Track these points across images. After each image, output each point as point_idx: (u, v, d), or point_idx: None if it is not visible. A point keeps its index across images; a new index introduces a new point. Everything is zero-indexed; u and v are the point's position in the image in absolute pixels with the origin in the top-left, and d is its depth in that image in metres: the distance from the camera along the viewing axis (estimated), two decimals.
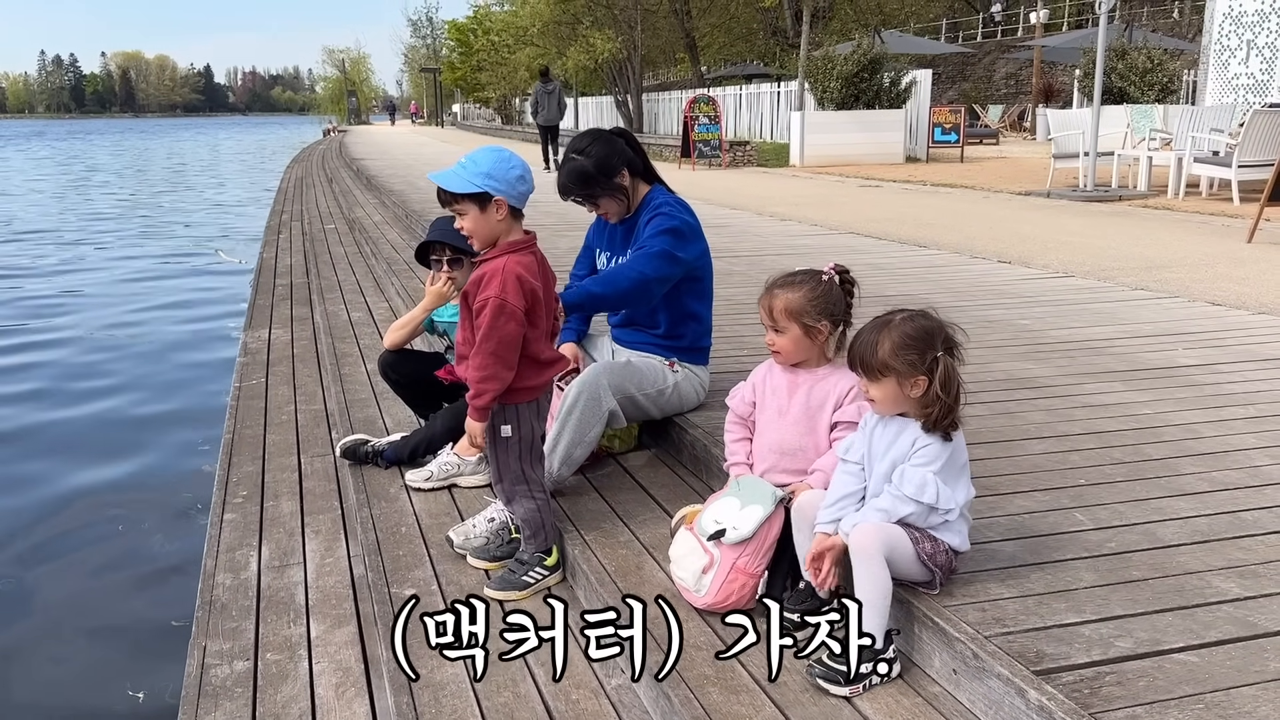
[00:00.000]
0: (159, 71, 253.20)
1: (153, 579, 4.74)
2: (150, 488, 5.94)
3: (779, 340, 2.72)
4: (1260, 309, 5.64)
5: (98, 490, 5.93)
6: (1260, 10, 15.61)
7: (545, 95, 19.55)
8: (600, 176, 3.57)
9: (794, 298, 2.68)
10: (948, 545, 2.33)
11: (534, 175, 2.96)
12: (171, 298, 12.01)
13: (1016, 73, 36.53)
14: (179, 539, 5.11)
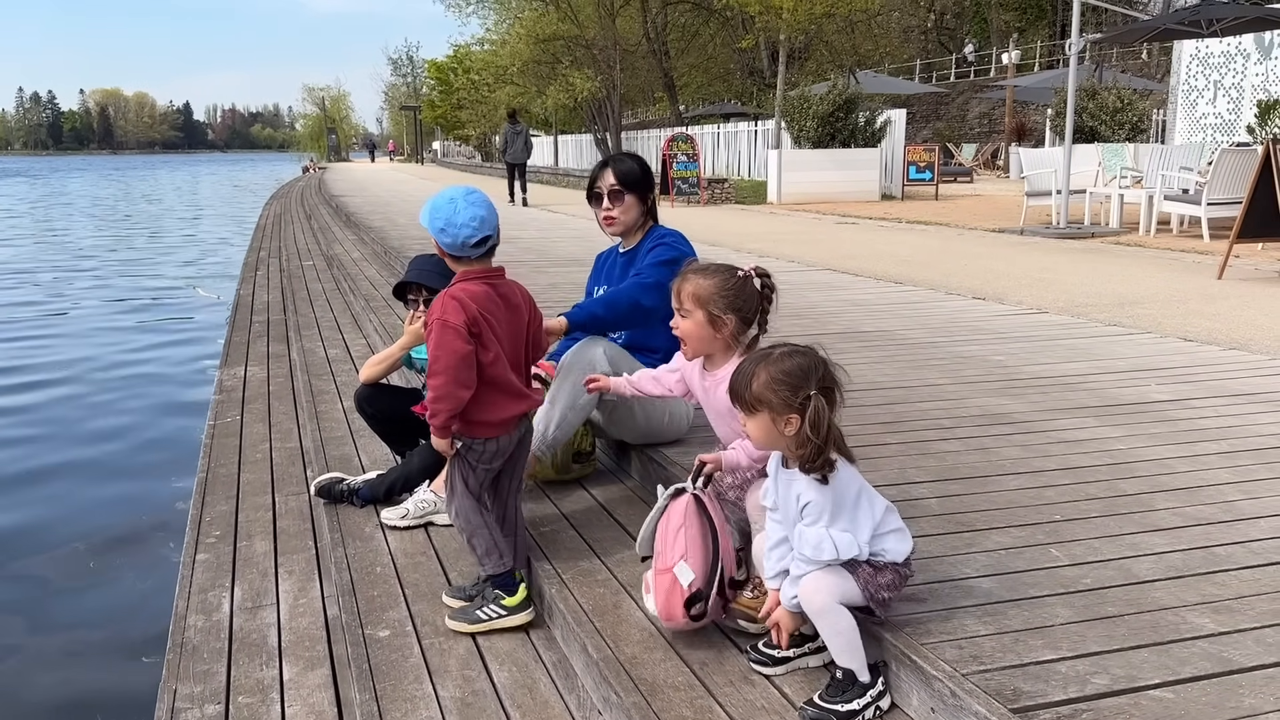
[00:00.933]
0: (138, 109, 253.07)
1: (124, 618, 4.66)
2: (123, 525, 5.85)
3: (682, 324, 2.76)
4: (1231, 345, 5.71)
5: (69, 527, 5.84)
6: (1226, 52, 15.95)
7: (514, 135, 21.18)
8: (648, 181, 3.85)
9: (704, 284, 2.72)
10: (889, 561, 2.28)
11: (502, 211, 2.98)
12: (148, 333, 11.92)
13: (989, 112, 37.07)
14: (151, 578, 5.03)
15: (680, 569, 2.51)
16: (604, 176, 3.81)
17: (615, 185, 3.78)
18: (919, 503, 3.18)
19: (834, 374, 2.28)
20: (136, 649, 4.23)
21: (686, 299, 2.74)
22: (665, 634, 2.62)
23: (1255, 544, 2.82)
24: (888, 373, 5.06)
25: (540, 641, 2.88)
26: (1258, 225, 8.43)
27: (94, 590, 5.03)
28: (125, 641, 4.41)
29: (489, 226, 2.89)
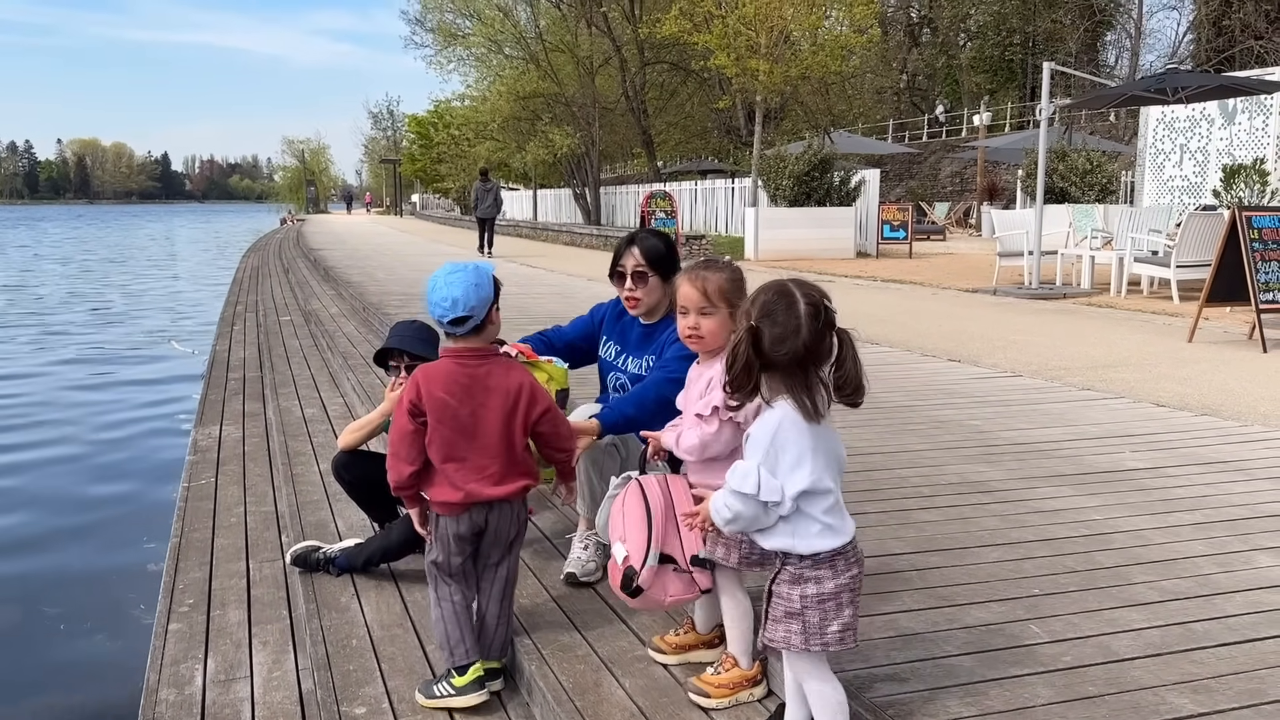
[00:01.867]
0: (115, 159, 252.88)
1: (94, 689, 4.57)
2: (94, 589, 5.76)
3: (705, 323, 2.68)
4: (1203, 410, 5.79)
5: (39, 590, 5.74)
6: (1191, 117, 16.35)
7: (484, 192, 22.72)
8: (674, 260, 3.59)
9: (722, 279, 2.70)
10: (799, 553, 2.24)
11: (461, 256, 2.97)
12: (122, 388, 11.81)
13: (961, 171, 37.69)
14: (123, 641, 4.95)
15: (616, 549, 2.68)
16: (629, 255, 3.55)
17: (641, 266, 3.52)
18: (899, 575, 3.18)
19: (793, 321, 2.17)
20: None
21: (715, 295, 2.66)
22: (647, 714, 2.59)
23: (1232, 619, 2.84)
24: (867, 437, 5.08)
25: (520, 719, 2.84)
26: (1226, 289, 8.57)
27: (63, 659, 4.93)
28: (95, 714, 4.31)
29: (462, 307, 2.82)
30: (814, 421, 2.19)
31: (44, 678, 4.72)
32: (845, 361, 2.19)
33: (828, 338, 2.19)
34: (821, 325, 2.18)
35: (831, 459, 2.24)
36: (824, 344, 2.19)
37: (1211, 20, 34.72)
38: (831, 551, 2.23)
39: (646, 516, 2.68)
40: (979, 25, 46.08)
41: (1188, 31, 39.90)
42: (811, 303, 2.19)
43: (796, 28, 20.88)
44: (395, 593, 3.74)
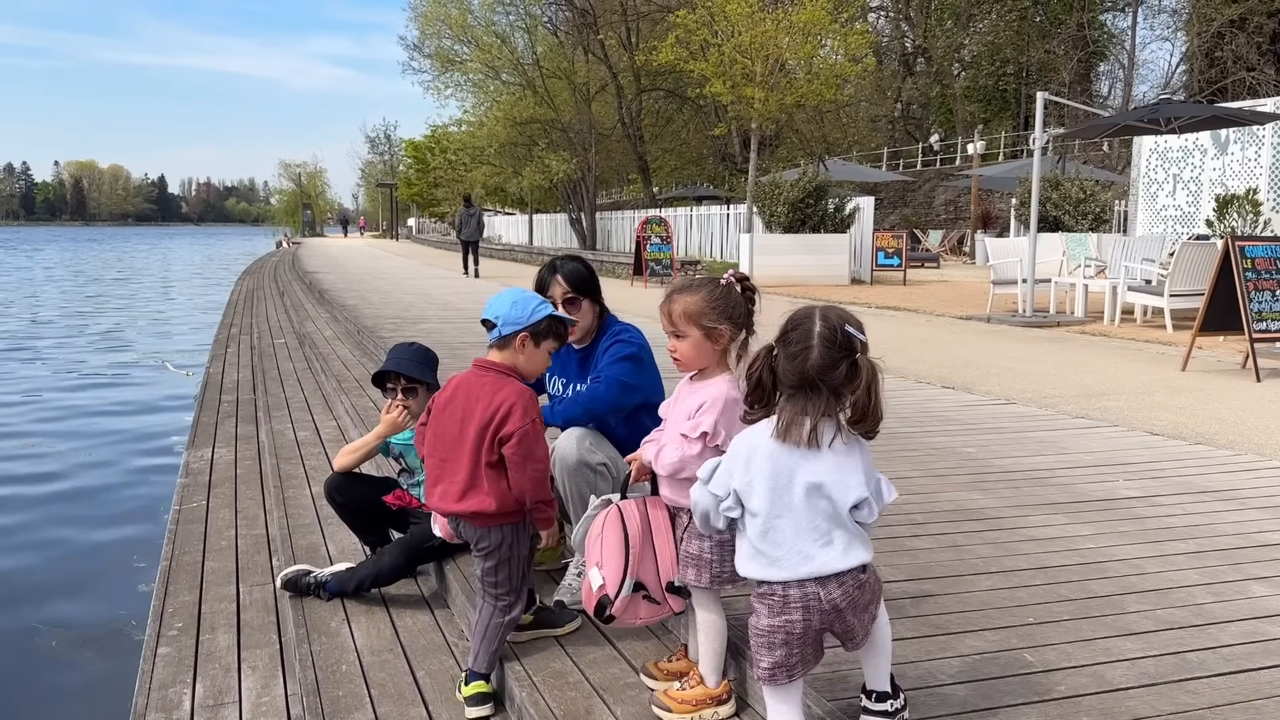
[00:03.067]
0: (112, 181, 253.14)
1: (84, 710, 4.52)
2: (85, 609, 5.73)
3: (680, 346, 2.69)
4: (1196, 439, 5.79)
5: (29, 609, 5.71)
6: (1184, 147, 16.48)
7: (468, 217, 24.18)
8: (595, 280, 3.70)
9: (692, 300, 2.67)
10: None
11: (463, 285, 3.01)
12: (115, 412, 11.77)
13: (955, 199, 37.88)
14: (112, 663, 4.90)
15: (592, 574, 2.70)
16: (555, 284, 3.61)
17: (569, 293, 3.58)
18: (894, 603, 3.16)
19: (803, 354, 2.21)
20: None
21: (679, 319, 2.66)
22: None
23: (1226, 649, 2.83)
24: None
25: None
26: (1219, 318, 8.61)
27: (53, 679, 4.89)
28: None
29: (491, 312, 3.03)
30: (782, 440, 2.18)
31: (33, 698, 4.68)
32: (857, 389, 2.19)
33: (843, 364, 2.18)
34: (837, 351, 2.18)
35: (792, 488, 2.19)
36: (838, 369, 2.18)
37: (1204, 52, 35.04)
38: (760, 582, 2.24)
39: (624, 545, 2.70)
40: (973, 55, 46.44)
41: (1180, 63, 40.30)
42: (829, 326, 2.19)
43: (792, 56, 21.05)
44: (386, 618, 3.72)
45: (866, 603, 2.26)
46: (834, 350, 2.17)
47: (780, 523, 2.20)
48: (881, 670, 2.38)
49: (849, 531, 2.22)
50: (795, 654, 2.22)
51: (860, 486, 2.21)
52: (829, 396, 2.19)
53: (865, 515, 2.24)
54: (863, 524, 2.25)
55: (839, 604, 2.20)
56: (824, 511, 2.20)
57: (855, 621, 2.25)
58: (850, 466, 2.21)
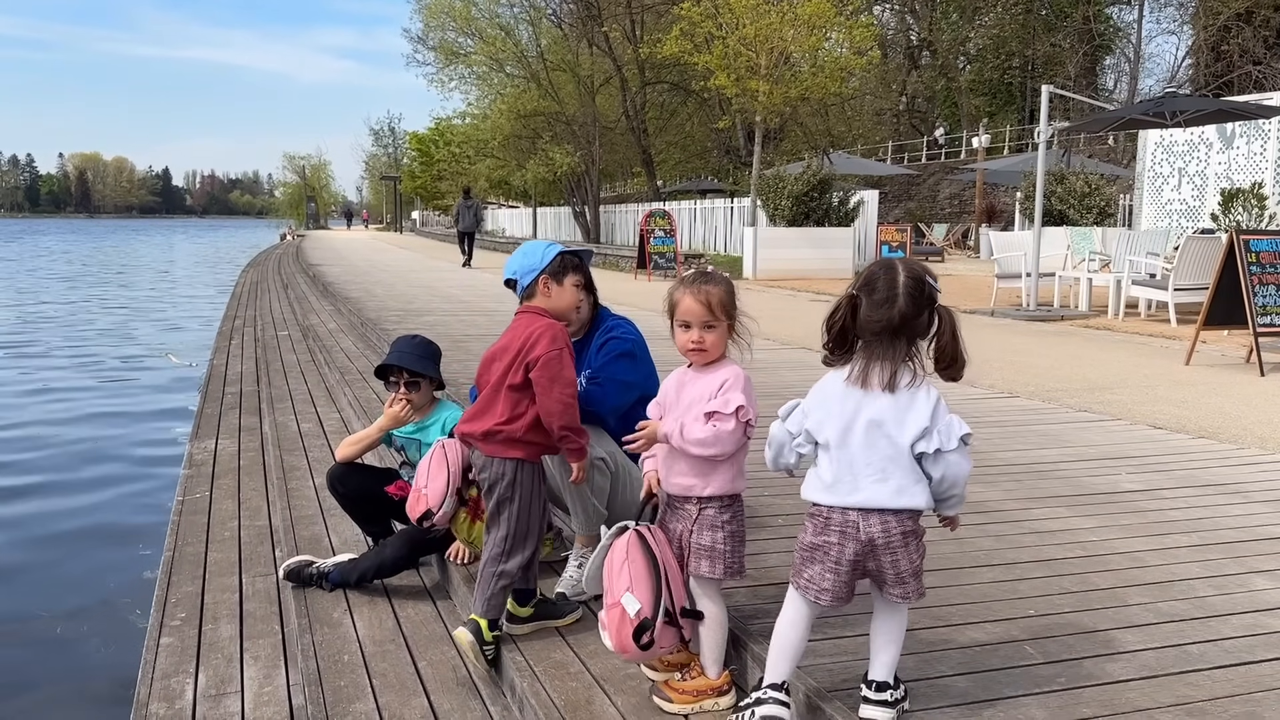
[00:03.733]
0: (116, 173, 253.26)
1: (88, 698, 4.54)
2: (90, 596, 5.74)
3: (709, 337, 2.67)
4: (1199, 433, 5.78)
5: (35, 597, 5.73)
6: (1189, 140, 16.43)
7: (465, 209, 25.58)
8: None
9: (723, 291, 2.69)
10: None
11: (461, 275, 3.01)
12: (119, 403, 11.79)
13: (960, 193, 37.82)
14: (115, 648, 4.91)
15: (627, 599, 2.62)
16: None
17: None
18: None
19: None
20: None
21: (718, 309, 2.66)
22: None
23: (1227, 642, 2.83)
24: None
25: None
26: (1224, 312, 8.59)
27: (57, 666, 4.90)
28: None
29: (507, 271, 3.24)
30: (860, 385, 2.31)
31: (38, 684, 4.69)
32: (943, 335, 2.31)
33: (925, 312, 2.29)
34: (922, 299, 2.28)
35: (856, 426, 2.31)
36: (920, 318, 2.29)
37: (1210, 45, 34.93)
38: (813, 504, 2.39)
39: (653, 567, 2.65)
40: (978, 48, 46.34)
41: (1186, 56, 40.15)
42: (913, 276, 2.29)
43: (796, 49, 20.99)
44: (388, 608, 3.73)
45: (908, 553, 2.34)
46: (918, 300, 2.28)
47: (842, 454, 2.34)
48: (886, 661, 2.40)
49: (909, 475, 2.31)
50: (829, 576, 2.35)
51: (919, 427, 2.29)
52: (907, 343, 2.31)
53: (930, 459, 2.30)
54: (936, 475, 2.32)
55: (876, 539, 2.31)
56: (883, 450, 2.31)
57: (888, 565, 2.33)
58: (915, 409, 2.31)
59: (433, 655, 3.32)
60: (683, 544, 2.70)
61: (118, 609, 5.47)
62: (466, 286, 17.40)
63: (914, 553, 2.35)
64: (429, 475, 3.44)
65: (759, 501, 4.15)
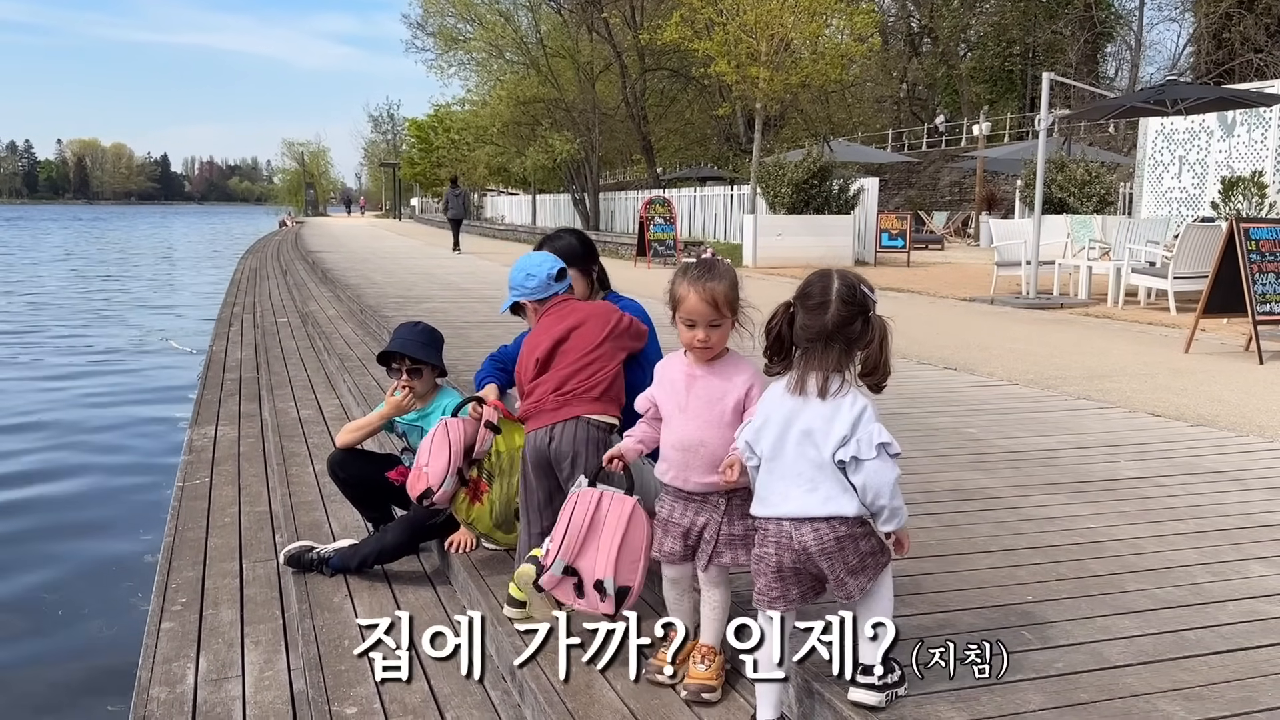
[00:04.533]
0: (115, 159, 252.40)
1: (88, 684, 4.55)
2: (91, 580, 5.77)
3: (715, 335, 2.65)
4: (1198, 421, 5.79)
5: (36, 580, 5.76)
6: (1190, 129, 16.40)
7: (454, 197, 27.36)
8: (590, 253, 3.77)
9: (727, 287, 2.66)
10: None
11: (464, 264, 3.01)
12: (119, 389, 11.79)
13: (960, 181, 37.76)
14: (119, 631, 4.93)
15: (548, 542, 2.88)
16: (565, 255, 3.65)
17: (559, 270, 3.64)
18: (894, 581, 3.17)
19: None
20: (101, 717, 4.13)
21: (724, 306, 2.64)
22: (639, 717, 2.59)
23: (1224, 628, 2.84)
24: None
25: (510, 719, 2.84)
26: (1223, 301, 8.59)
27: (59, 650, 4.93)
28: (89, 708, 4.30)
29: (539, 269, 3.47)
30: (796, 392, 2.37)
31: (40, 668, 4.72)
32: (871, 344, 2.38)
33: (858, 320, 2.35)
34: (855, 306, 2.34)
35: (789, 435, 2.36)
36: (853, 325, 2.35)
37: (1211, 33, 34.83)
38: (754, 516, 2.48)
39: (565, 527, 2.81)
40: (979, 36, 46.22)
41: (1187, 44, 40.04)
42: (846, 284, 2.36)
43: (797, 36, 20.92)
44: (389, 594, 3.74)
45: (847, 558, 2.35)
46: (850, 306, 2.34)
47: (775, 465, 2.40)
48: (872, 645, 2.40)
49: (837, 483, 2.34)
50: (775, 585, 2.41)
51: (840, 435, 2.33)
52: (841, 351, 2.35)
53: (850, 467, 2.32)
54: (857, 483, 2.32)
55: (809, 547, 2.36)
56: (811, 459, 2.36)
57: (827, 570, 2.37)
58: (839, 417, 2.34)
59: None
60: (704, 537, 2.68)
61: (119, 592, 5.49)
62: (466, 274, 17.39)
63: (850, 556, 2.36)
64: (430, 454, 3.49)
65: None
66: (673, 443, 2.71)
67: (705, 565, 2.70)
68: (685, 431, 2.69)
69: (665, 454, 2.74)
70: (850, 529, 2.35)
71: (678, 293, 2.67)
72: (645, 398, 2.82)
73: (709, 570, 2.70)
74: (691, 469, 2.68)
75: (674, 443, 2.71)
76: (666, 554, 2.75)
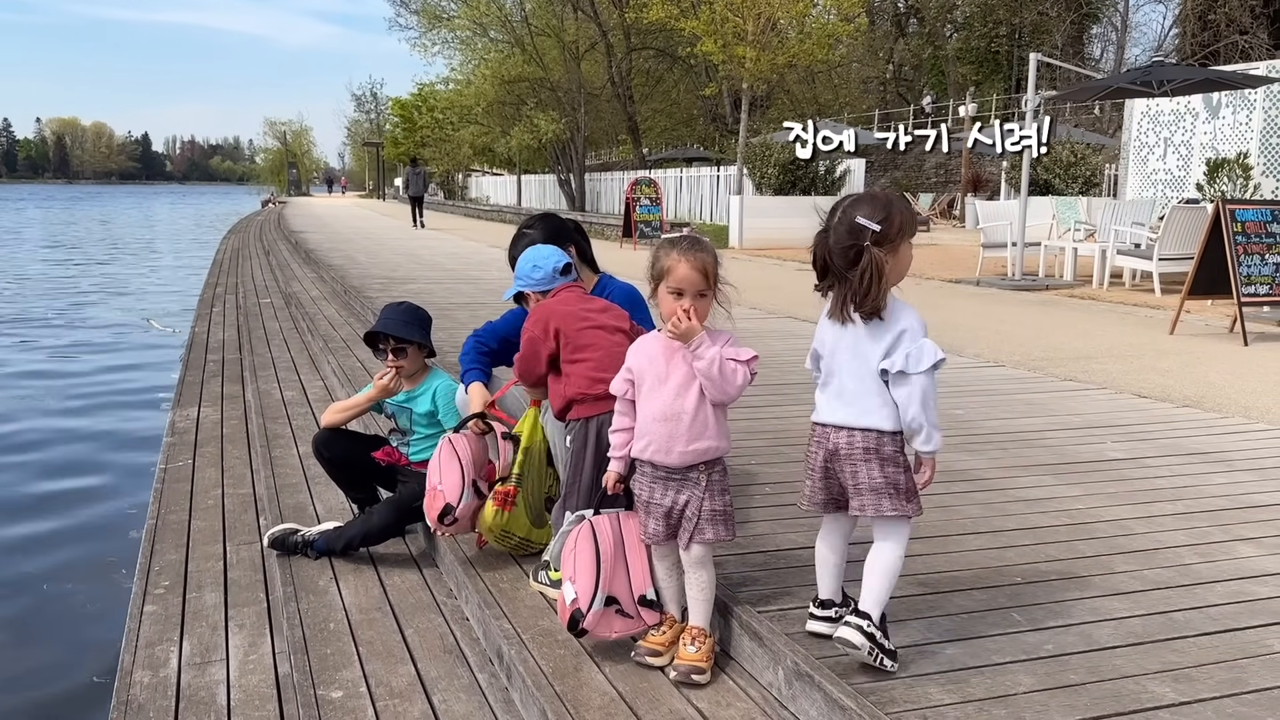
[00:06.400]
0: (95, 139, 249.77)
1: (70, 666, 4.51)
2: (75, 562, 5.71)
3: (701, 305, 2.65)
4: (1184, 402, 5.81)
5: (19, 563, 5.70)
6: (1176, 110, 16.41)
7: (414, 176, 29.39)
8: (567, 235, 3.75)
9: (712, 259, 2.70)
10: None
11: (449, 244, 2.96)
12: (100, 369, 11.69)
13: (946, 163, 37.72)
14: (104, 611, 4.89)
15: (565, 588, 2.73)
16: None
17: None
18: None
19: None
20: (84, 701, 4.09)
21: (712, 278, 2.67)
22: (628, 700, 2.58)
23: (1213, 609, 2.84)
24: None
25: (499, 704, 2.82)
26: (1208, 282, 8.61)
27: (43, 631, 4.88)
28: (72, 692, 4.26)
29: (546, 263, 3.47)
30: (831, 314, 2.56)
31: (24, 650, 4.67)
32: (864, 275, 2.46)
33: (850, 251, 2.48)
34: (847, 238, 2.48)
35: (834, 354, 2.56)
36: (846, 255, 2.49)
37: (1197, 14, 34.83)
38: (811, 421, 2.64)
39: (595, 560, 2.73)
40: (966, 16, 46.07)
41: (1173, 25, 40.08)
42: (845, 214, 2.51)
43: (784, 15, 20.82)
44: (374, 576, 3.71)
45: (867, 468, 2.49)
46: (848, 234, 2.46)
47: (826, 380, 2.60)
48: (873, 590, 2.48)
49: (876, 398, 2.49)
50: (808, 483, 2.62)
51: (879, 354, 2.47)
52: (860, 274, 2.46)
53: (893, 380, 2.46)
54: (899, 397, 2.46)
55: (840, 449, 2.52)
56: (853, 374, 2.52)
57: (848, 475, 2.51)
58: (880, 337, 2.48)
59: (419, 623, 3.31)
60: (685, 514, 2.67)
61: (104, 573, 5.44)
62: (451, 254, 17.29)
63: (875, 470, 2.48)
64: (441, 472, 3.42)
65: (746, 468, 4.14)
66: (655, 414, 2.68)
67: (687, 544, 2.68)
68: (668, 401, 2.66)
69: (646, 429, 2.70)
70: (879, 443, 2.49)
71: (665, 264, 2.66)
72: (621, 378, 2.77)
73: (691, 549, 2.68)
74: (676, 439, 2.66)
75: (656, 414, 2.67)
76: (650, 535, 2.73)
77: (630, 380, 2.75)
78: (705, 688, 2.63)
